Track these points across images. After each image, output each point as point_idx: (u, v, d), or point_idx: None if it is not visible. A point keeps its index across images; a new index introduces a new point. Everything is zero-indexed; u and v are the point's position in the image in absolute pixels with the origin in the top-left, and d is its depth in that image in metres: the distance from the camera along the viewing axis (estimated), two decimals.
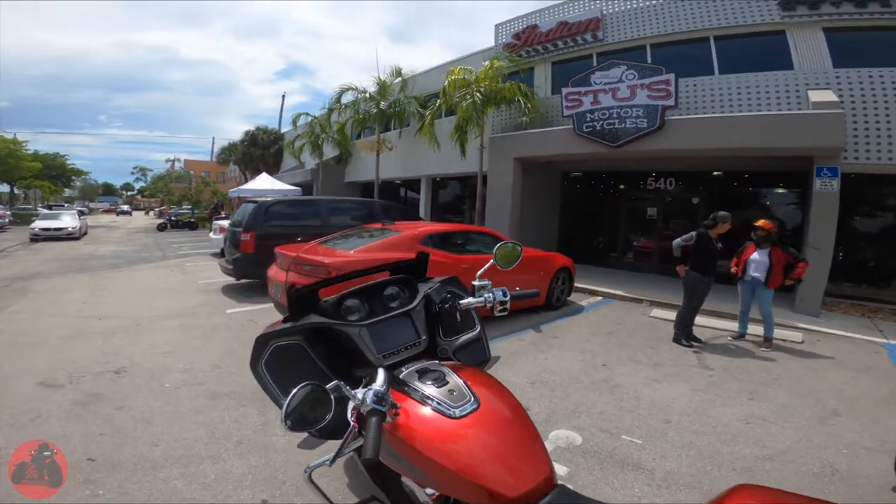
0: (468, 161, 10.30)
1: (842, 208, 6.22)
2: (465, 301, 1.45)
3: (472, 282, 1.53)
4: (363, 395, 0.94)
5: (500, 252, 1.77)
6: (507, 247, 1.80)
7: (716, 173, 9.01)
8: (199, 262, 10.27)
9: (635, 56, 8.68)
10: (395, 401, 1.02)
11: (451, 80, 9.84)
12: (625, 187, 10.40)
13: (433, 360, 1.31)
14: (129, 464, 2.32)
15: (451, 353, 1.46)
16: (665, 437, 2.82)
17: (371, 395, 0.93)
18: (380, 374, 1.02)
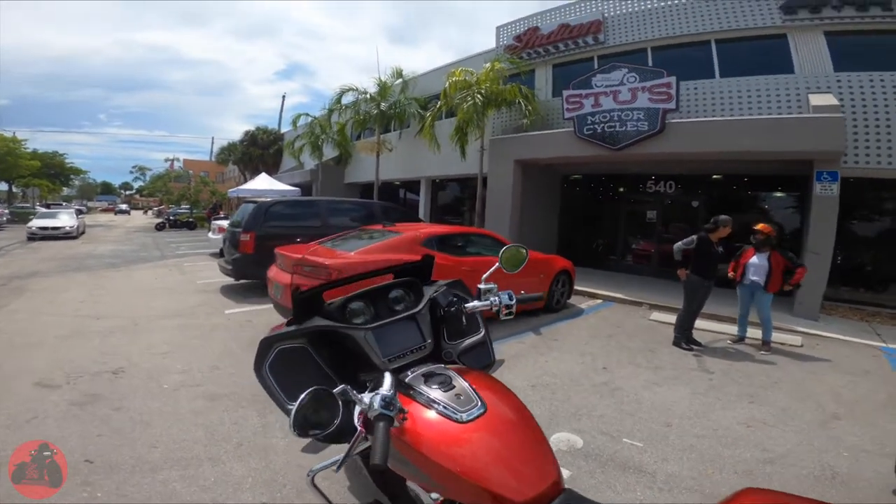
0: (468, 163, 10.30)
1: (840, 212, 6.24)
2: (470, 305, 1.44)
3: (478, 285, 1.52)
4: (370, 400, 0.93)
5: (505, 255, 1.77)
6: (513, 250, 1.80)
7: (715, 177, 9.03)
8: (197, 262, 10.24)
9: (636, 59, 8.69)
10: (402, 405, 1.01)
11: (452, 82, 9.85)
12: (624, 190, 10.41)
13: (438, 364, 1.30)
14: (128, 465, 2.31)
15: (455, 357, 1.45)
16: (666, 441, 2.82)
17: (379, 400, 0.92)
18: (387, 378, 1.01)
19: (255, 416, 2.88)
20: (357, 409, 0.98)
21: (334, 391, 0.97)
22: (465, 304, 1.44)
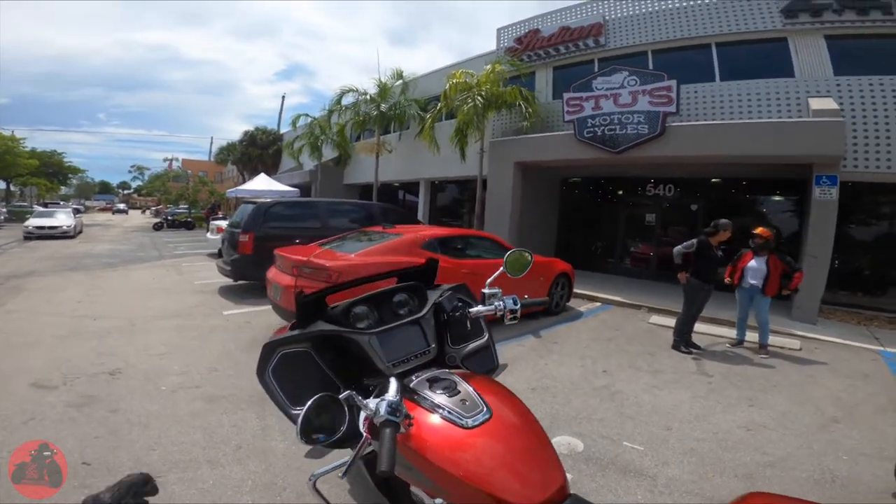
0: (468, 165, 10.31)
1: (838, 216, 6.25)
2: (474, 309, 1.43)
3: (483, 290, 1.51)
4: (376, 406, 0.93)
5: (510, 260, 1.76)
6: (517, 254, 1.80)
7: (714, 180, 9.05)
8: (195, 262, 10.21)
9: (637, 62, 8.70)
10: (407, 410, 1.01)
11: (453, 84, 9.86)
12: (624, 193, 10.43)
13: (442, 369, 1.29)
14: (126, 468, 2.28)
15: (459, 361, 1.44)
16: (666, 444, 2.81)
17: (385, 406, 0.91)
18: (392, 383, 1.00)
19: (254, 418, 2.87)
20: (362, 415, 0.97)
21: (340, 397, 0.97)
22: (470, 309, 1.43)
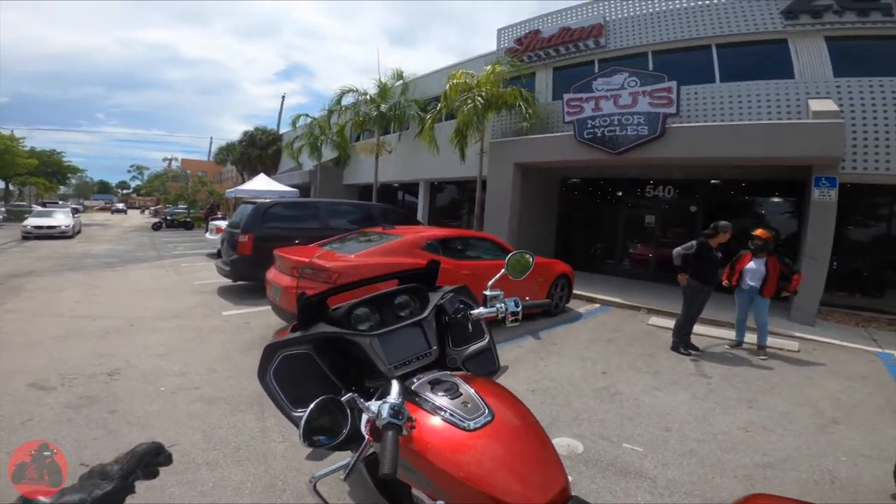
0: (468, 165, 10.30)
1: (837, 218, 6.26)
2: (476, 312, 1.43)
3: (484, 292, 1.51)
4: (379, 409, 0.92)
5: (511, 262, 1.76)
6: (518, 256, 1.80)
7: (713, 182, 9.07)
8: (194, 262, 10.19)
9: (637, 63, 8.71)
10: (409, 412, 1.01)
11: (453, 84, 9.86)
12: (623, 194, 10.43)
13: (444, 371, 1.29)
14: None
15: (460, 363, 1.44)
16: (666, 445, 2.81)
17: (388, 409, 0.91)
18: (394, 386, 1.00)
19: (253, 419, 2.86)
20: (364, 418, 0.97)
21: (342, 399, 0.96)
22: (471, 311, 1.43)
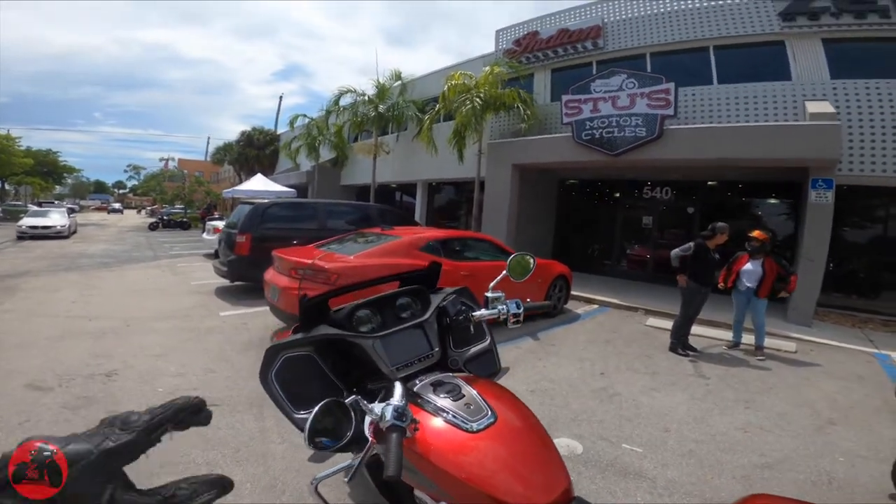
0: (466, 166, 10.31)
1: (834, 219, 6.31)
2: (477, 313, 1.43)
3: (486, 293, 1.52)
4: (382, 411, 0.92)
5: (513, 263, 1.77)
6: (519, 258, 1.80)
7: (711, 183, 9.11)
8: (191, 262, 10.15)
9: (635, 65, 8.75)
10: (412, 414, 1.01)
11: (451, 85, 9.86)
12: (621, 195, 10.47)
13: (446, 372, 1.29)
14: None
15: (461, 365, 1.44)
16: (665, 446, 2.82)
17: (391, 411, 0.91)
18: (397, 388, 1.00)
19: (252, 420, 2.85)
20: (367, 420, 0.97)
21: (346, 401, 0.96)
22: (473, 313, 1.43)
